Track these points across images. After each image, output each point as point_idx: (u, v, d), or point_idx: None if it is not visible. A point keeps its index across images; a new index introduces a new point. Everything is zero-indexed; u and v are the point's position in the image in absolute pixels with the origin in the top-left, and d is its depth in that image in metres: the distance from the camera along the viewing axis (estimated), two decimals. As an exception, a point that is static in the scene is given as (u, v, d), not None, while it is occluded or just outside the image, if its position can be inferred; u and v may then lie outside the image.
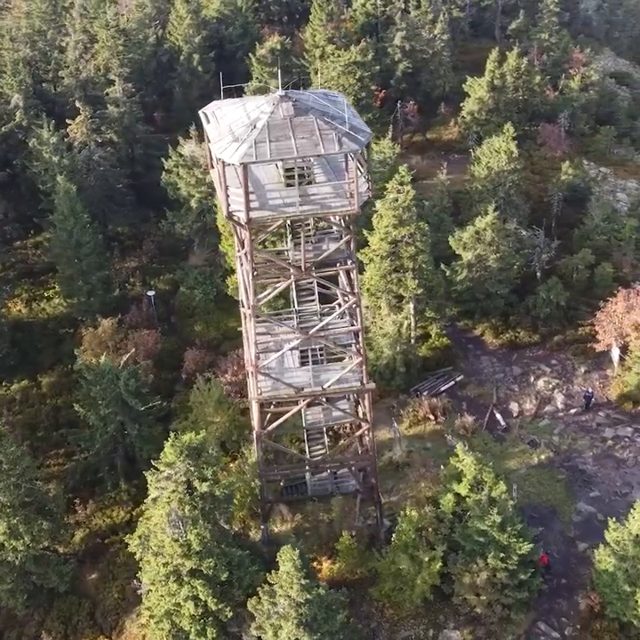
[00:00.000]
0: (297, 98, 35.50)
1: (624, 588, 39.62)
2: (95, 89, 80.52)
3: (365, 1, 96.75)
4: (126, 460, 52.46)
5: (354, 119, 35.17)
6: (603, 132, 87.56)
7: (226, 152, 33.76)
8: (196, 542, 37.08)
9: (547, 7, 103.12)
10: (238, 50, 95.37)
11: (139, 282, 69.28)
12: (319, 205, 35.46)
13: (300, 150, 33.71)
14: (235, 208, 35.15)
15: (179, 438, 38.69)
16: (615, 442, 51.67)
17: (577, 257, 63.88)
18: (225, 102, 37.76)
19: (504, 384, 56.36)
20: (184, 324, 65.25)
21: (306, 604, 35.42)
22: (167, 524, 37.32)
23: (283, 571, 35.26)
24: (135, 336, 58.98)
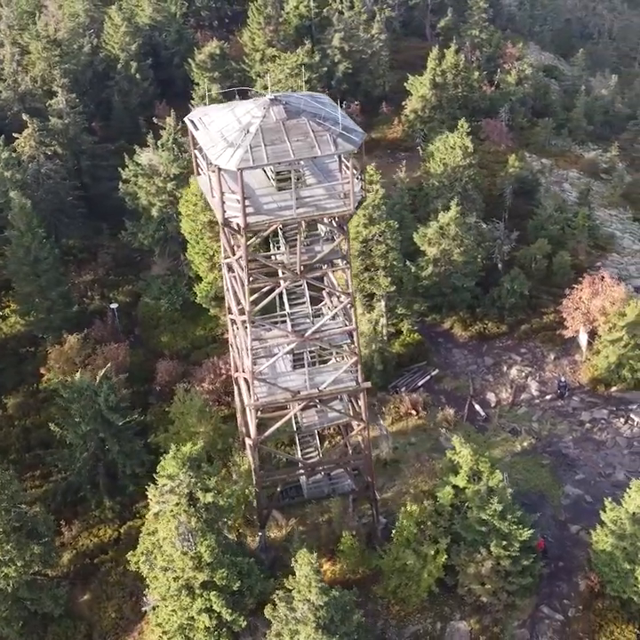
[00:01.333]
0: (286, 101, 35.40)
1: (624, 566, 40.64)
2: (34, 101, 78.92)
3: (298, 3, 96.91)
4: (108, 478, 51.41)
5: (345, 120, 35.22)
6: (541, 124, 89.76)
7: (221, 158, 33.42)
8: (207, 554, 36.66)
9: (476, 4, 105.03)
10: (174, 56, 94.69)
11: (97, 295, 67.98)
12: (314, 207, 35.43)
13: (296, 153, 33.62)
14: (231, 214, 34.81)
15: (180, 450, 38.14)
16: (593, 424, 53.03)
17: (534, 247, 65.28)
18: (210, 108, 37.40)
19: (478, 375, 57.28)
20: (149, 336, 64.29)
21: (324, 607, 35.38)
22: (176, 537, 36.74)
23: (300, 574, 35.14)
24: (105, 350, 57.75)
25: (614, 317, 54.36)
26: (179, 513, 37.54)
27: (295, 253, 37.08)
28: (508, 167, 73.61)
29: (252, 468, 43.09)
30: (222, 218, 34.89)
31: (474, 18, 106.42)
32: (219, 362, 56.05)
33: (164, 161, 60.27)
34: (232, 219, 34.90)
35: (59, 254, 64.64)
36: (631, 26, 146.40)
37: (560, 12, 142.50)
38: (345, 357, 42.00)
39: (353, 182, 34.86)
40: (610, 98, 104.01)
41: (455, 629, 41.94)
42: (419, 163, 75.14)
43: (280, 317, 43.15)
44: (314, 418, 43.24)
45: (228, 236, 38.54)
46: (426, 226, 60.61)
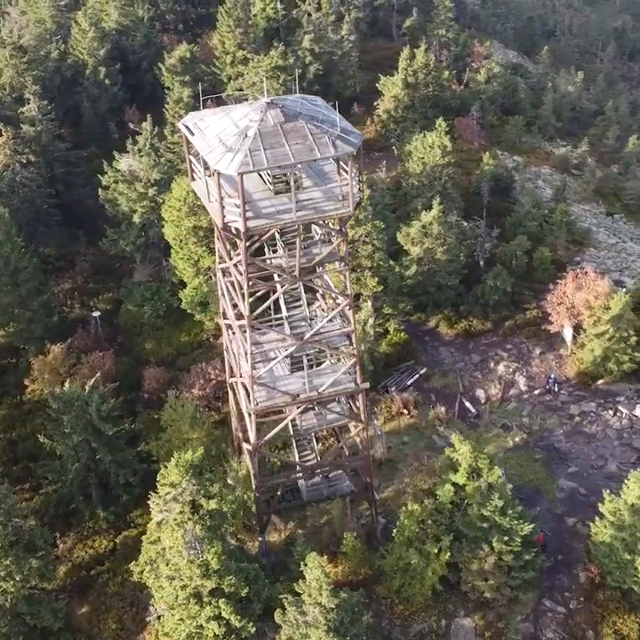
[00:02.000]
0: (283, 104, 35.32)
1: (624, 557, 41.18)
2: (4, 108, 77.83)
3: (265, 5, 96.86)
4: (100, 488, 50.81)
5: (342, 122, 35.25)
6: (512, 122, 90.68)
7: (221, 163, 33.21)
8: (214, 561, 36.41)
9: (442, 3, 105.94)
10: (142, 60, 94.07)
11: (77, 304, 67.19)
12: (313, 210, 35.37)
13: (296, 156, 33.54)
14: (230, 219, 34.63)
15: (182, 457, 37.88)
16: (582, 418, 53.66)
17: (514, 244, 65.89)
18: (205, 113, 37.13)
19: (466, 372, 57.68)
20: (133, 343, 63.70)
21: (334, 610, 35.36)
22: (183, 545, 36.43)
23: (311, 578, 35.07)
24: (90, 359, 57.11)
25: (599, 311, 55.07)
26: (184, 521, 37.24)
27: (294, 256, 37.00)
28: (483, 165, 74.25)
29: (252, 473, 42.90)
30: (222, 223, 34.66)
31: (440, 17, 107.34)
32: (207, 367, 55.70)
33: (145, 166, 59.75)
34: (232, 223, 34.68)
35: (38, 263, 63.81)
36: (590, 22, 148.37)
37: (522, 11, 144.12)
38: (342, 359, 42.03)
39: (352, 184, 34.87)
40: (576, 94, 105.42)
41: (460, 626, 42.15)
42: (394, 162, 75.48)
43: (275, 321, 43.04)
44: (312, 420, 43.15)
45: (224, 241, 38.32)
46: (408, 225, 60.88)
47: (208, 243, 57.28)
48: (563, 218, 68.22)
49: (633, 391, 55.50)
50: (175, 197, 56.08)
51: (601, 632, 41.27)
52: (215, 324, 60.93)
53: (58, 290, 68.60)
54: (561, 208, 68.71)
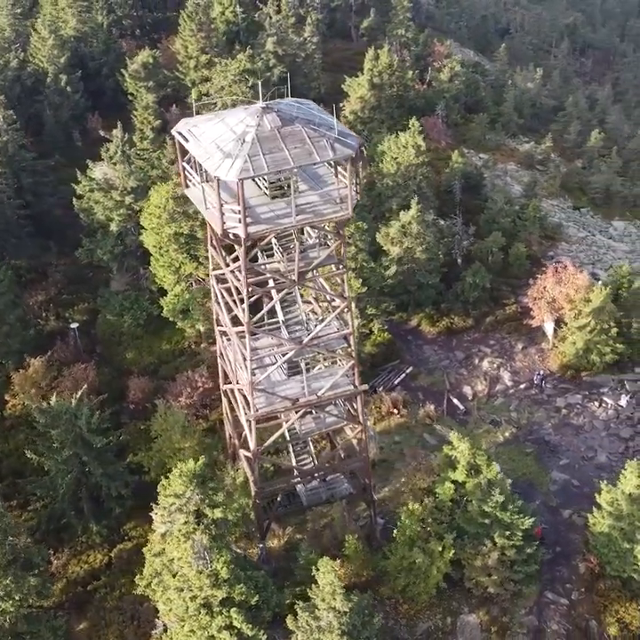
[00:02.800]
0: (278, 108, 35.18)
1: (623, 546, 41.80)
2: (-34, 118, 76.26)
3: (224, 9, 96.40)
4: (92, 502, 50.05)
5: (338, 125, 35.22)
6: (476, 120, 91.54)
7: (220, 169, 32.96)
8: (223, 571, 36.09)
9: (400, 3, 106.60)
10: (102, 67, 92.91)
11: (52, 315, 66.09)
12: (312, 214, 35.31)
13: (295, 160, 33.44)
14: (230, 225, 34.38)
15: (186, 467, 37.51)
16: (569, 410, 54.36)
17: (489, 240, 66.50)
18: (198, 119, 36.79)
19: (452, 370, 58.04)
20: (113, 353, 62.84)
21: (347, 613, 35.33)
22: (192, 556, 36.05)
23: (325, 583, 35.00)
24: (73, 371, 56.24)
25: (580, 304, 55.80)
26: (189, 532, 36.89)
27: (291, 261, 36.89)
28: (452, 163, 74.82)
29: (251, 480, 42.66)
30: (221, 229, 34.38)
31: (398, 17, 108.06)
32: (194, 375, 55.21)
33: (120, 174, 59.02)
34: (232, 230, 34.43)
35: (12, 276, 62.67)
36: (542, 20, 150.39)
37: (475, 9, 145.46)
38: (339, 362, 42.03)
39: (351, 187, 34.89)
40: (536, 91, 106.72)
41: (465, 622, 42.39)
42: (364, 163, 75.56)
43: (268, 326, 42.86)
44: (311, 424, 43.04)
45: (220, 248, 38.05)
46: (387, 225, 61.08)
47: (189, 249, 56.85)
48: (535, 214, 69.02)
49: (616, 382, 56.35)
50: (154, 205, 55.50)
51: (604, 621, 41.82)
52: (197, 331, 60.56)
53: (32, 302, 67.39)
54: (533, 204, 69.58)
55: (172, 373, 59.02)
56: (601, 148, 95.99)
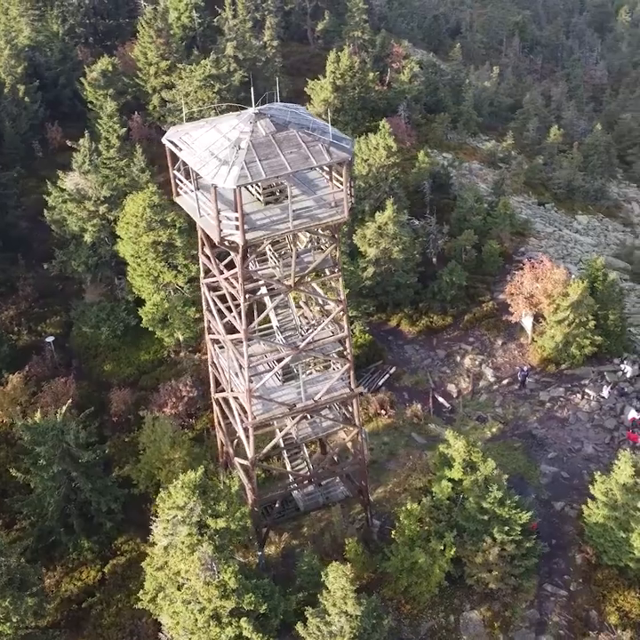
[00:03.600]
0: (271, 113, 35.04)
1: (619, 536, 42.43)
2: None
3: (180, 14, 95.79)
4: (81, 518, 49.24)
5: (331, 128, 35.20)
6: (438, 119, 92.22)
7: (217, 177, 32.71)
8: (231, 581, 35.80)
9: (356, 5, 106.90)
10: (59, 76, 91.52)
11: (25, 330, 64.90)
12: (308, 218, 35.22)
13: (292, 165, 33.33)
14: (227, 232, 34.12)
15: (187, 478, 37.17)
16: (552, 403, 55.01)
17: (462, 239, 67.01)
18: (188, 127, 36.40)
19: (434, 368, 58.37)
20: (90, 366, 61.90)
21: (359, 617, 35.31)
22: (200, 567, 35.68)
23: (336, 587, 34.92)
24: (53, 386, 55.30)
25: (558, 298, 56.51)
26: (194, 543, 36.56)
27: (287, 266, 36.80)
28: (419, 163, 75.26)
29: (249, 488, 42.42)
30: (218, 237, 34.09)
31: (354, 19, 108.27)
32: (178, 385, 54.68)
33: (93, 184, 58.21)
34: (229, 237, 34.17)
35: (-17, 292, 61.61)
36: (492, 18, 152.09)
37: (425, 10, 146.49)
38: (332, 365, 42.02)
39: (347, 190, 34.90)
40: (493, 89, 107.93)
41: (468, 619, 42.61)
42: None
43: (260, 332, 42.67)
44: (307, 429, 42.92)
45: (213, 256, 37.73)
46: (362, 227, 61.22)
47: (167, 258, 56.30)
48: (506, 210, 69.79)
49: (596, 373, 57.23)
50: (131, 214, 54.82)
51: (604, 610, 42.34)
52: (176, 339, 59.99)
53: (3, 317, 66.14)
54: (503, 201, 70.33)
55: (153, 384, 58.49)
56: (560, 144, 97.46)
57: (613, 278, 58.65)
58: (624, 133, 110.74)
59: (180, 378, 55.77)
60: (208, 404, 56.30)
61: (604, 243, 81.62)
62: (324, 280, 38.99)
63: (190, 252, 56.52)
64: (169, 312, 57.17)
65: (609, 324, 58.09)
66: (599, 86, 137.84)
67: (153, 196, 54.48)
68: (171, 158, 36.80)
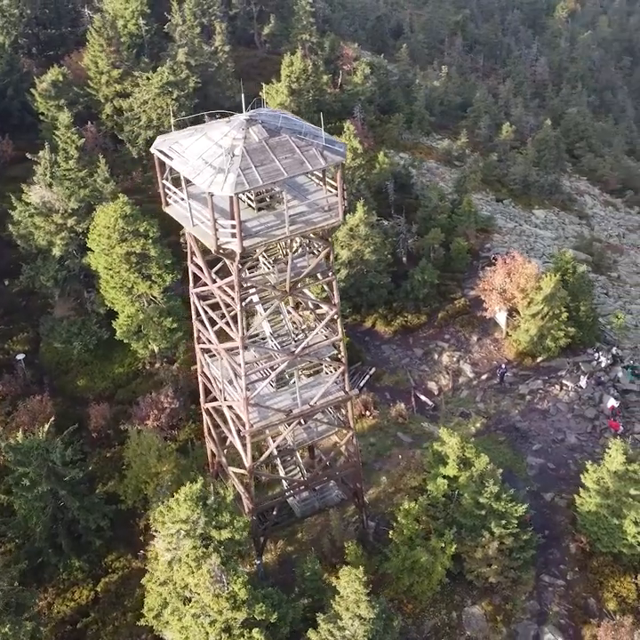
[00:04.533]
0: (262, 119, 34.86)
1: (612, 523, 43.19)
2: None
3: (126, 22, 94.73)
4: (69, 537, 48.24)
5: (321, 133, 35.16)
6: (393, 120, 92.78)
7: (214, 185, 32.37)
8: (242, 591, 35.45)
9: (303, 8, 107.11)
10: (7, 87, 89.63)
11: (-11, 349, 63.40)
12: (304, 223, 35.08)
13: (288, 170, 33.16)
14: (223, 240, 33.80)
15: (189, 490, 36.71)
16: (532, 396, 55.77)
17: (429, 237, 67.57)
18: (176, 135, 35.93)
19: (413, 367, 58.69)
20: (63, 382, 60.63)
21: (372, 620, 35.30)
22: (209, 580, 35.24)
23: (350, 591, 34.85)
24: (29, 405, 54.07)
25: (532, 292, 57.31)
26: (199, 556, 36.12)
27: (282, 272, 36.62)
28: (380, 164, 75.61)
29: (246, 497, 42.06)
30: (215, 245, 33.74)
31: (302, 22, 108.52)
32: (159, 397, 53.96)
33: (60, 196, 57.11)
34: (226, 245, 33.85)
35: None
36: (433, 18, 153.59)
37: (366, 12, 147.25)
38: (325, 369, 41.96)
39: (342, 193, 34.88)
40: (443, 89, 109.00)
41: (470, 615, 42.90)
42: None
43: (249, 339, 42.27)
44: (303, 435, 42.71)
45: (205, 265, 37.32)
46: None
47: (140, 268, 55.48)
48: (470, 208, 70.57)
49: (572, 364, 58.22)
50: (102, 225, 53.90)
51: (602, 597, 43.09)
52: (151, 351, 59.21)
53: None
54: (467, 199, 71.14)
55: (130, 397, 57.75)
56: (512, 141, 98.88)
57: (583, 270, 59.78)
58: (570, 127, 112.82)
59: (161, 389, 55.02)
60: (189, 414, 55.90)
61: (563, 236, 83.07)
62: (319, 284, 38.80)
63: (164, 262, 55.89)
64: (144, 323, 56.37)
65: (580, 316, 59.16)
66: (541, 82, 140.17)
67: (124, 207, 53.62)
68: (159, 168, 36.29)
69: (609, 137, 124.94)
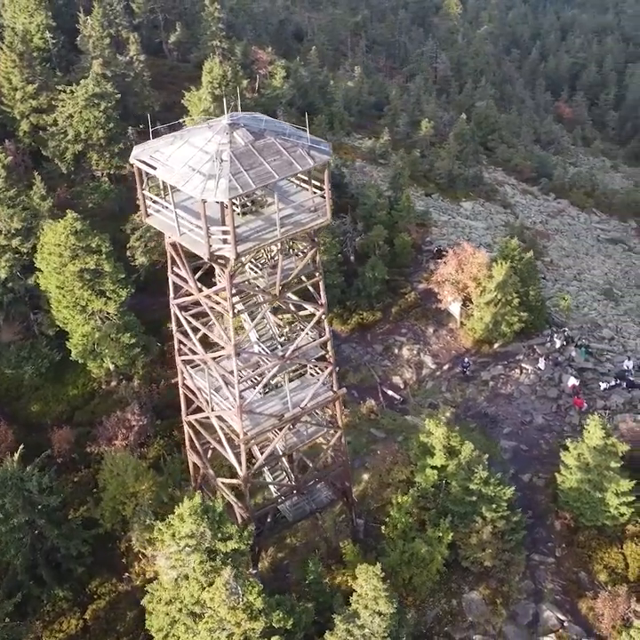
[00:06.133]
0: (244, 123, 34.55)
1: (595, 496, 44.51)
2: None
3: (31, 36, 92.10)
4: (49, 566, 46.57)
5: (304, 133, 35.07)
6: (316, 121, 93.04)
7: (207, 191, 31.83)
8: (258, 601, 34.98)
9: (211, 15, 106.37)
10: None
11: None
12: (293, 225, 34.90)
13: (278, 172, 32.95)
14: (216, 247, 33.29)
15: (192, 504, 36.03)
16: (495, 382, 56.97)
17: (373, 234, 68.07)
18: (156, 144, 35.07)
19: (376, 363, 59.06)
20: (15, 409, 58.43)
21: (391, 616, 35.41)
22: (225, 593, 34.62)
23: (368, 588, 34.82)
24: (-13, 435, 52.03)
25: (484, 280, 58.53)
26: (208, 570, 35.51)
27: (272, 275, 36.38)
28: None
29: (241, 506, 41.59)
30: (208, 252, 33.19)
31: (211, 29, 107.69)
32: (125, 415, 52.64)
33: (3, 217, 55.05)
34: (219, 252, 33.35)
35: None
36: (333, 21, 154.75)
37: (268, 16, 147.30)
38: (309, 370, 41.87)
39: (329, 193, 34.87)
40: (357, 89, 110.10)
41: (470, 601, 43.49)
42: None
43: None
44: (293, 439, 42.41)
45: (190, 275, 36.67)
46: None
47: (94, 285, 54.03)
48: (409, 203, 71.50)
49: (527, 347, 59.76)
50: (52, 243, 52.22)
51: (592, 570, 44.34)
52: (106, 369, 57.74)
53: None
54: (406, 194, 72.03)
55: (90, 418, 56.37)
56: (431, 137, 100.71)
57: (530, 256, 61.36)
58: (481, 121, 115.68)
59: (126, 407, 53.70)
60: (157, 430, 54.79)
61: (493, 225, 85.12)
62: (306, 285, 38.64)
63: (117, 277, 54.58)
64: (101, 341, 54.91)
65: (530, 300, 60.79)
66: (443, 78, 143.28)
67: (75, 223, 52.11)
68: (139, 178, 35.44)
69: (515, 128, 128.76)
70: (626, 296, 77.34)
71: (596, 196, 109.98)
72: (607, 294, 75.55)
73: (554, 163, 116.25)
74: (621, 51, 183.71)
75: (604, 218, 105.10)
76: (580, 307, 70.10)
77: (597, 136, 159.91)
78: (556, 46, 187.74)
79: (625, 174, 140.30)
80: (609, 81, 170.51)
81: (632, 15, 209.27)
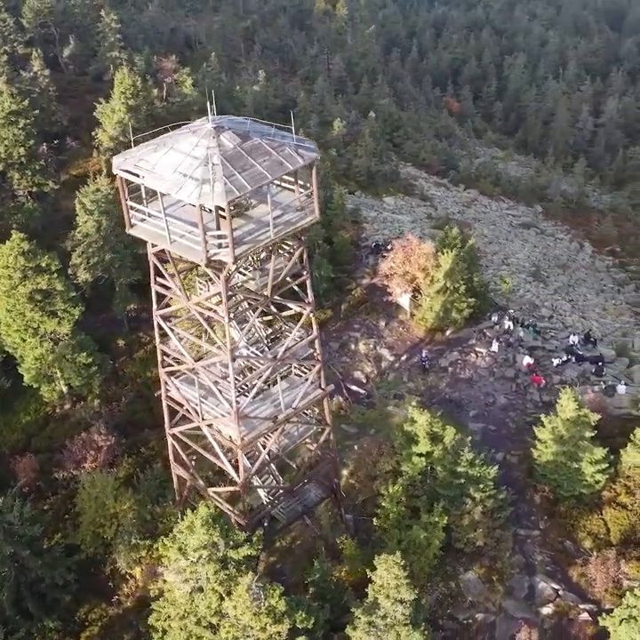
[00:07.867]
0: (228, 125, 34.30)
1: (572, 467, 46.13)
2: None
3: None
4: (34, 598, 44.89)
5: (288, 133, 35.18)
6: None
7: (203, 196, 31.50)
8: (280, 604, 34.80)
9: (108, 26, 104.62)
10: None
11: None
12: (284, 225, 34.90)
13: (271, 173, 32.90)
14: (213, 252, 32.97)
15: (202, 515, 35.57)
16: (453, 367, 58.20)
17: (311, 234, 68.16)
18: (139, 153, 34.34)
19: (334, 360, 59.38)
20: (-34, 441, 56.17)
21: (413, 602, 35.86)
22: (249, 600, 34.28)
23: (390, 577, 35.12)
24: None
25: (432, 270, 59.75)
26: (225, 578, 35.17)
27: (262, 277, 36.30)
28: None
29: (238, 513, 41.27)
30: (205, 258, 32.82)
31: (109, 40, 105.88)
32: (92, 436, 51.24)
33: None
34: (216, 257, 33.04)
35: None
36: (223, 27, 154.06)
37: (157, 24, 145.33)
38: (294, 369, 41.94)
39: (317, 191, 35.05)
40: (264, 93, 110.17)
41: (467, 581, 44.36)
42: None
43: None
44: (285, 440, 42.27)
45: (179, 283, 36.17)
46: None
47: (44, 306, 52.36)
48: (343, 202, 72.20)
49: (478, 332, 61.34)
50: (0, 266, 50.35)
51: (577, 538, 45.89)
52: (59, 392, 56.07)
53: None
54: (339, 193, 72.66)
55: (48, 444, 54.87)
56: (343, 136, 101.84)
57: (473, 243, 62.97)
58: (386, 118, 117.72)
59: (91, 428, 52.30)
60: (124, 449, 53.55)
61: (418, 218, 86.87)
62: (294, 284, 38.68)
63: (68, 295, 53.09)
64: (57, 363, 53.27)
65: (475, 286, 62.39)
66: (339, 79, 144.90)
67: (22, 243, 50.42)
68: (123, 187, 34.67)
69: (415, 124, 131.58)
70: (551, 276, 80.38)
71: (501, 184, 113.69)
72: (535, 276, 78.36)
73: (459, 155, 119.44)
74: (496, 44, 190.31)
75: (512, 204, 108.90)
76: (515, 289, 72.40)
77: (487, 127, 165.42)
78: (433, 44, 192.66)
79: (518, 162, 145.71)
80: (489, 73, 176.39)
81: (499, 10, 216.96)
